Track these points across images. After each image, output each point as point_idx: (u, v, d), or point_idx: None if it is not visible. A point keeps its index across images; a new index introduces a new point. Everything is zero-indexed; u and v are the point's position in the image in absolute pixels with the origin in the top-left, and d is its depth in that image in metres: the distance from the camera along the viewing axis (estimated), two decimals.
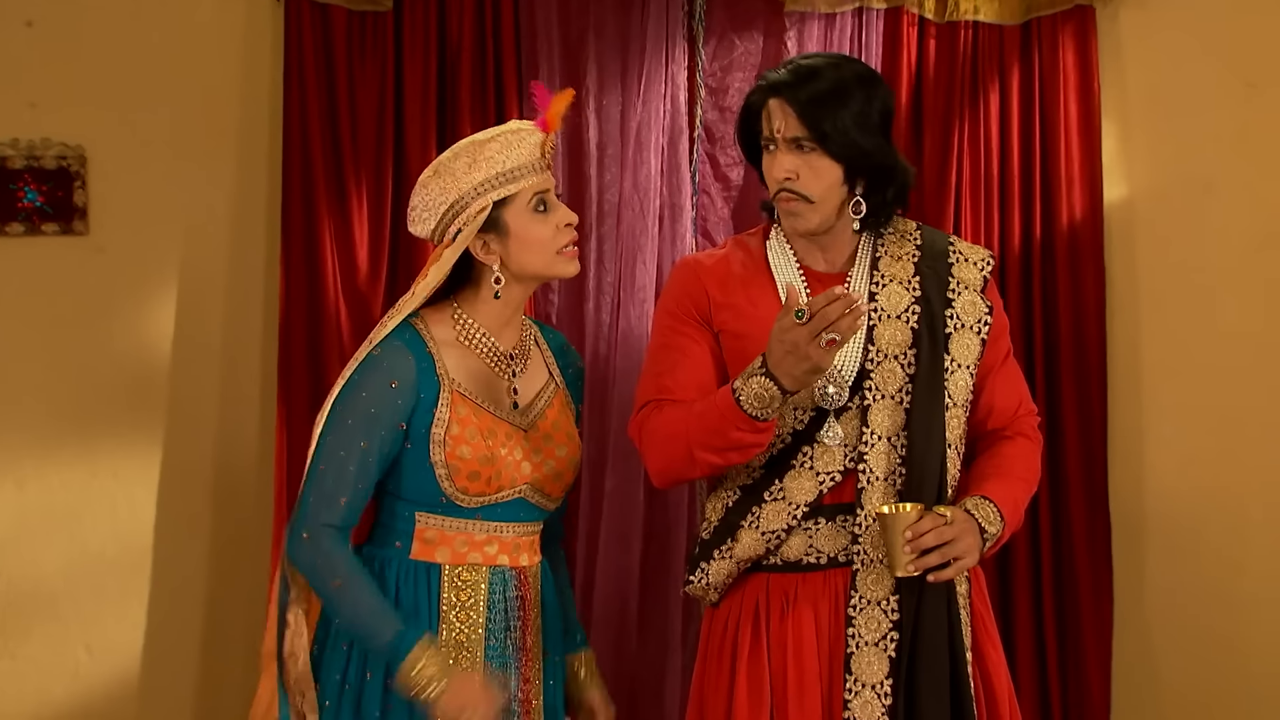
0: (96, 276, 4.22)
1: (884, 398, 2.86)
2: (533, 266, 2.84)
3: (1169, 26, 4.36)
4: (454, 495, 2.78)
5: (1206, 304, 4.37)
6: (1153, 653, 4.39)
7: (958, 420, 2.92)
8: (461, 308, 2.87)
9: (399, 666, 2.68)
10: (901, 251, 2.97)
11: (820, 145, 2.84)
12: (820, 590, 2.87)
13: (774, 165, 2.90)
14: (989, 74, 4.32)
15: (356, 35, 4.19)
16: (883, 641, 2.81)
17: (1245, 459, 4.35)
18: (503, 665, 2.84)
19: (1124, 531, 4.36)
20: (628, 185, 4.22)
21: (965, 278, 2.97)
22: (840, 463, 2.87)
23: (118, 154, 4.22)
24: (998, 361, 3.00)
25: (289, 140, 4.15)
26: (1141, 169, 4.39)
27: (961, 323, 2.93)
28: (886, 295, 2.92)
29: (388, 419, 2.75)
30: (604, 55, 4.25)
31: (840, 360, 2.87)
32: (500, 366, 2.88)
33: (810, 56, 2.97)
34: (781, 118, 2.87)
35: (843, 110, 2.83)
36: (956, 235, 3.11)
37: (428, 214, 2.84)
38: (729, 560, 2.91)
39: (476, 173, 2.79)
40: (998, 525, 2.83)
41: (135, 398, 4.23)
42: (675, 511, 4.21)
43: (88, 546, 4.21)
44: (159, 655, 4.24)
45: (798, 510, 2.87)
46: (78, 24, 4.20)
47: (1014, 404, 3.01)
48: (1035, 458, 3.02)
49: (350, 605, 2.71)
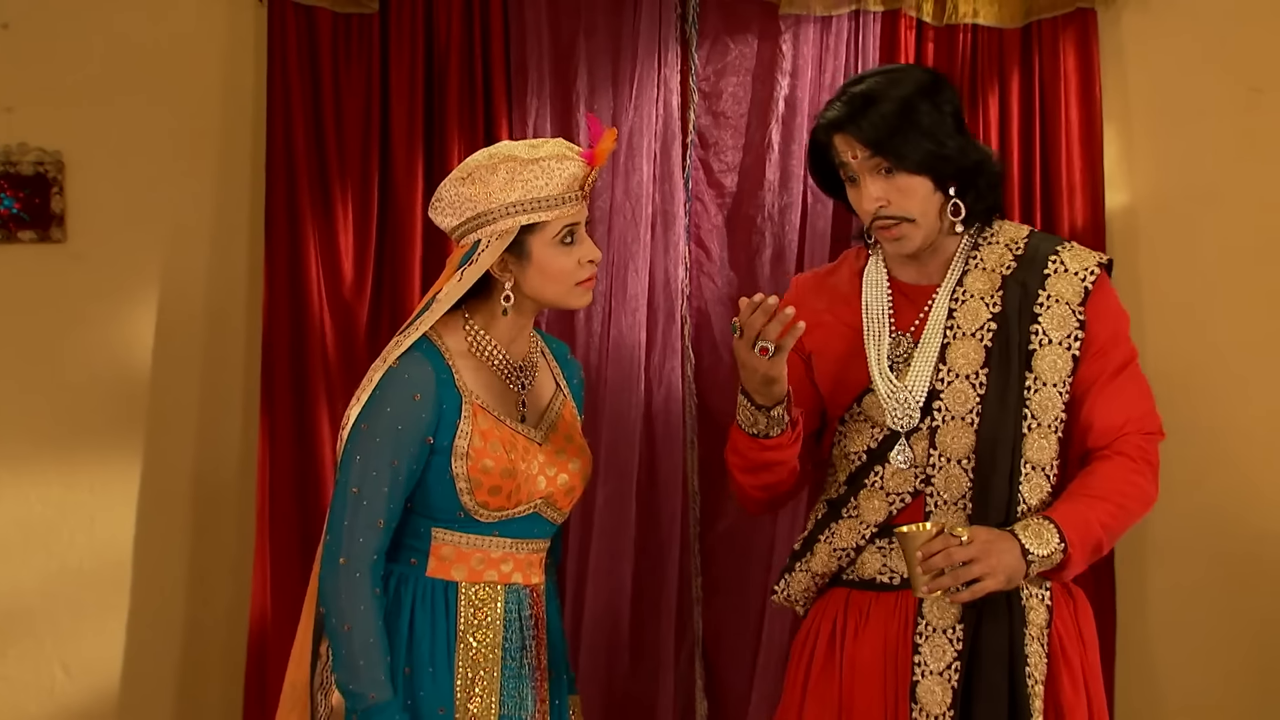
0: (74, 285, 4.16)
1: (953, 419, 2.83)
2: (547, 295, 2.81)
3: (1172, 30, 4.31)
4: (474, 510, 2.75)
5: (1210, 312, 4.32)
6: (1156, 668, 4.34)
7: (1047, 442, 2.85)
8: (473, 319, 2.84)
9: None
10: (995, 263, 2.90)
11: (900, 166, 2.80)
12: (892, 610, 2.86)
13: (862, 197, 2.86)
14: (988, 78, 4.26)
15: (342, 38, 4.12)
16: (947, 671, 2.78)
17: (1251, 469, 4.31)
18: (518, 686, 2.82)
19: (1128, 545, 4.30)
20: (619, 192, 4.16)
21: (1059, 290, 2.88)
22: (911, 484, 2.85)
23: (97, 159, 4.16)
24: (1100, 377, 2.89)
25: (272, 145, 4.08)
26: (1144, 176, 4.34)
27: (1048, 338, 2.86)
28: (964, 312, 2.87)
29: (415, 434, 2.71)
30: (595, 58, 4.19)
31: (910, 381, 2.83)
32: (511, 379, 2.85)
33: (863, 79, 2.90)
34: (853, 151, 2.82)
35: (912, 127, 2.79)
36: (1071, 242, 3.00)
37: (452, 212, 2.79)
38: (806, 574, 2.95)
39: (512, 192, 2.73)
40: (1053, 546, 2.73)
41: (114, 409, 4.17)
42: (668, 528, 4.15)
43: (65, 562, 4.15)
44: (137, 673, 4.18)
45: (868, 530, 2.87)
46: (55, 27, 4.14)
47: (1117, 422, 2.88)
48: (1132, 477, 2.87)
49: (349, 648, 2.67)
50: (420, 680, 2.73)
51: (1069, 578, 2.83)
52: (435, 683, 2.73)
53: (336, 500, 2.72)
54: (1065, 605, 2.88)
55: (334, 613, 2.68)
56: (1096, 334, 2.87)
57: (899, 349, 2.88)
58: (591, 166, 2.81)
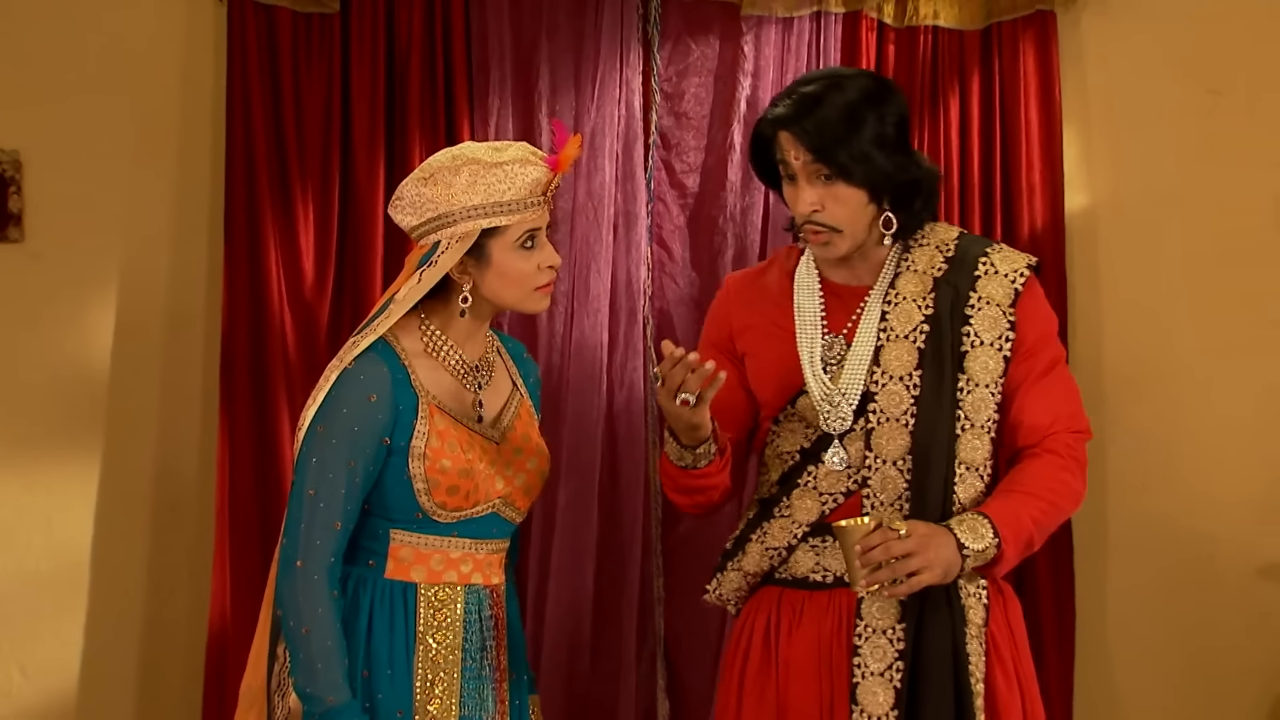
0: (32, 285, 4.13)
1: (888, 420, 2.83)
2: (505, 299, 2.80)
3: (1131, 33, 4.32)
4: (431, 510, 2.74)
5: (1170, 314, 4.34)
6: (1115, 667, 4.36)
7: (980, 441, 2.86)
8: (430, 320, 2.82)
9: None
10: (927, 265, 2.91)
11: (839, 176, 2.79)
12: (825, 609, 2.86)
13: (797, 199, 2.86)
14: (949, 80, 4.27)
15: (302, 38, 4.10)
16: (888, 672, 2.78)
17: (1209, 470, 4.32)
18: (478, 686, 2.81)
19: (1086, 545, 4.32)
20: (581, 192, 4.15)
21: (990, 293, 2.89)
22: (845, 484, 2.85)
23: (55, 159, 4.12)
24: (1029, 377, 2.90)
25: (232, 145, 4.07)
26: (1103, 177, 4.36)
27: (980, 340, 2.87)
28: (897, 314, 2.88)
29: (371, 435, 2.70)
30: (556, 59, 4.18)
31: (843, 383, 2.85)
32: (467, 379, 2.83)
33: (812, 80, 2.88)
34: (795, 151, 2.82)
35: (856, 137, 2.78)
36: (1000, 244, 3.01)
37: (412, 212, 2.77)
38: (738, 573, 2.95)
39: (475, 195, 2.72)
40: (987, 541, 2.75)
41: (72, 409, 4.14)
42: (630, 529, 4.15)
43: (22, 563, 4.12)
44: (96, 676, 4.15)
45: (800, 529, 2.87)
46: (13, 25, 4.10)
47: (1046, 421, 2.90)
48: (1061, 474, 2.89)
49: (306, 652, 2.65)
50: (378, 683, 2.72)
51: (1001, 573, 2.85)
52: (394, 685, 2.72)
53: (293, 503, 2.70)
54: (998, 603, 2.90)
55: (291, 616, 2.67)
56: (1025, 335, 2.89)
57: (832, 351, 2.89)
58: (555, 172, 2.79)
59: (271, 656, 2.76)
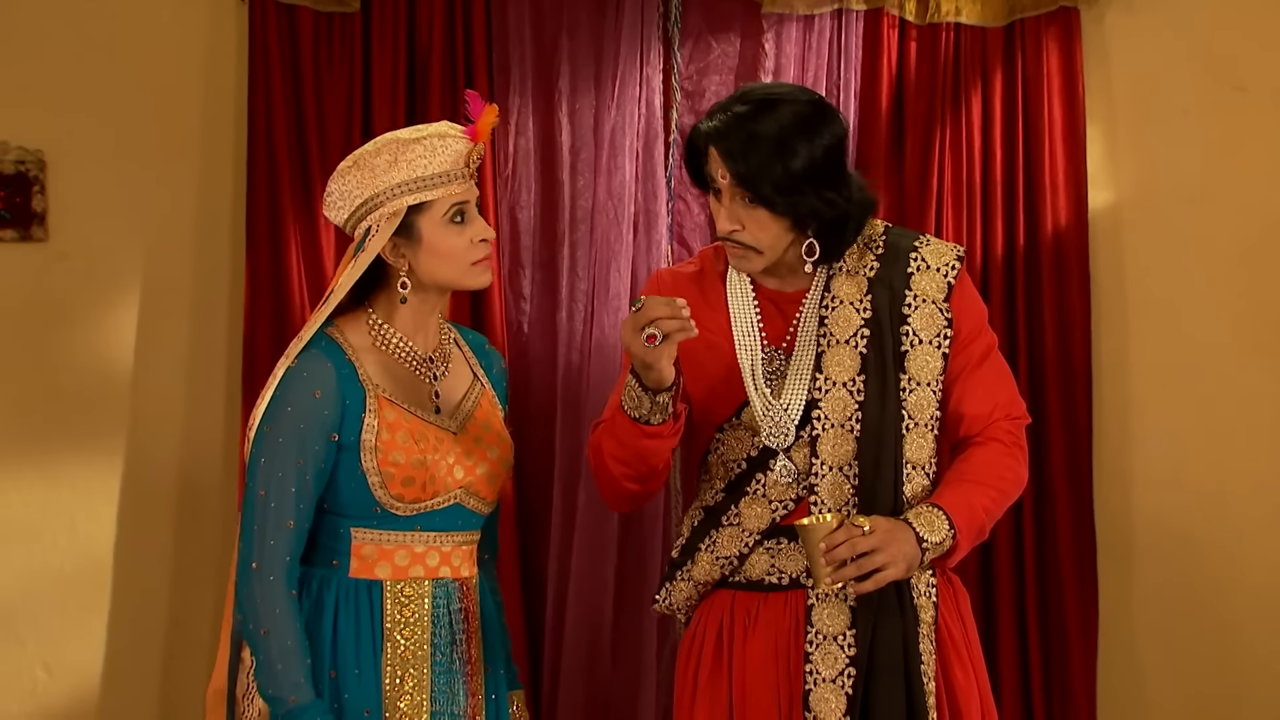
0: (56, 284, 4.15)
1: (833, 427, 2.80)
2: (441, 277, 2.77)
3: (1156, 29, 4.30)
4: (389, 504, 2.72)
5: (1194, 312, 4.32)
6: (1139, 666, 4.34)
7: (924, 440, 2.84)
8: (376, 312, 2.81)
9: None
10: (859, 265, 2.87)
11: (761, 205, 2.75)
12: (781, 611, 2.83)
13: (719, 214, 2.81)
14: (971, 77, 4.25)
15: (324, 37, 4.12)
16: (840, 678, 2.76)
17: (1234, 469, 4.30)
18: (449, 681, 2.79)
19: (1110, 544, 4.31)
20: (601, 191, 4.15)
21: (924, 289, 2.87)
22: (794, 491, 2.83)
23: (78, 158, 4.14)
24: (966, 368, 2.88)
25: (254, 144, 4.08)
26: (1128, 175, 4.33)
27: (919, 339, 2.85)
28: (836, 319, 2.84)
29: (318, 432, 2.68)
30: (577, 57, 4.18)
31: (786, 399, 2.82)
32: (421, 370, 2.82)
33: (748, 98, 2.80)
34: (721, 171, 2.76)
35: (781, 166, 2.71)
36: (927, 235, 2.98)
37: (343, 204, 2.77)
38: (688, 583, 2.91)
39: (396, 173, 2.72)
40: (944, 533, 2.74)
41: (96, 408, 4.16)
42: (650, 527, 4.14)
43: (46, 562, 4.14)
44: (120, 674, 4.17)
45: (750, 538, 2.84)
46: (36, 25, 4.12)
47: (986, 409, 2.89)
48: (1006, 460, 2.88)
49: (265, 654, 2.64)
50: (345, 682, 2.70)
51: (954, 563, 2.84)
52: (361, 684, 2.70)
53: (246, 505, 2.69)
54: (948, 595, 2.89)
55: (250, 618, 2.65)
56: (960, 327, 2.87)
57: (772, 365, 2.86)
58: (474, 142, 2.76)
59: (235, 660, 2.74)
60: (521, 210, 4.20)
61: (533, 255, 4.21)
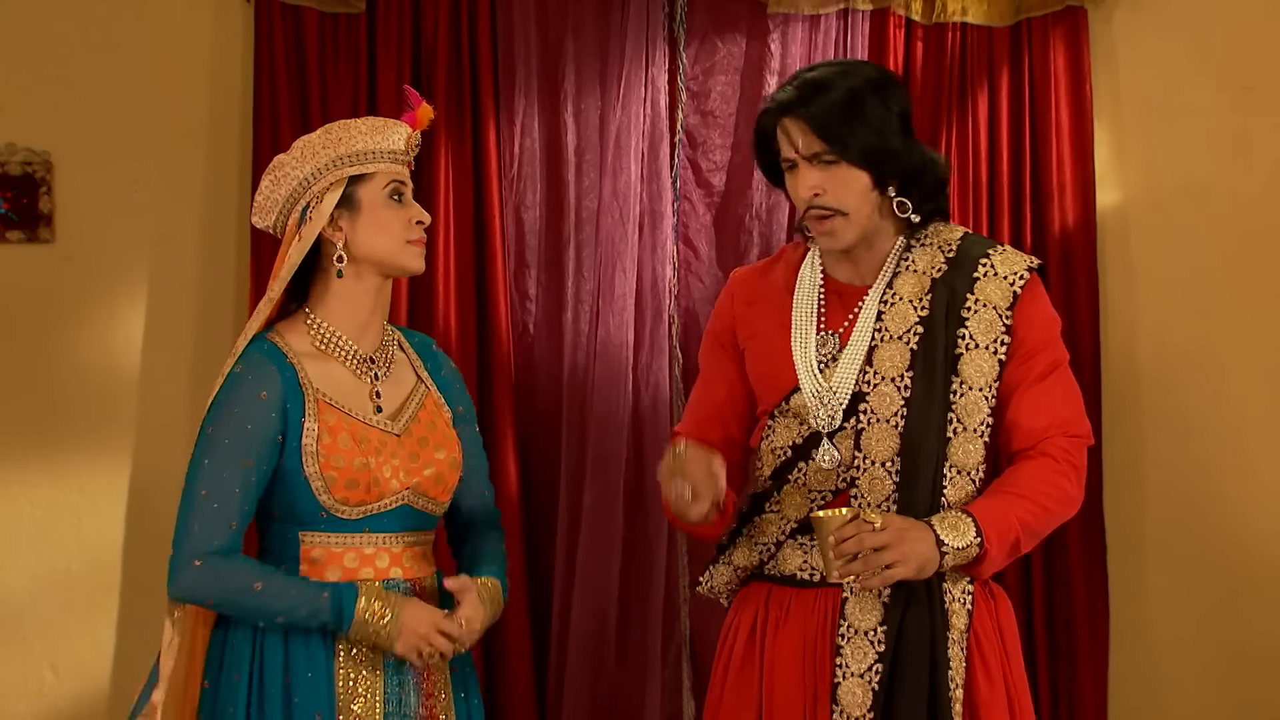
0: (63, 285, 4.17)
1: (879, 421, 2.79)
2: (378, 250, 2.76)
3: (1164, 29, 4.29)
4: (333, 507, 2.71)
5: (1203, 313, 4.30)
6: (1151, 672, 4.32)
7: (973, 445, 2.81)
8: (315, 313, 2.80)
9: (349, 622, 2.65)
10: (927, 265, 2.87)
11: (843, 157, 2.76)
12: (811, 608, 2.82)
13: (798, 184, 2.81)
14: (978, 77, 4.24)
15: (329, 37, 4.13)
16: (867, 674, 2.74)
17: (1245, 471, 4.28)
18: (399, 680, 2.77)
19: (1120, 546, 4.29)
20: (607, 191, 4.15)
21: (988, 295, 2.84)
22: (833, 483, 2.82)
23: (85, 160, 4.16)
24: (1026, 380, 2.84)
25: (259, 145, 4.09)
26: (1135, 174, 4.32)
27: (975, 343, 2.82)
28: (893, 315, 2.84)
29: (265, 433, 2.68)
30: (582, 57, 4.19)
31: (835, 382, 2.82)
32: (361, 371, 2.81)
33: (816, 68, 2.87)
34: (798, 136, 2.78)
35: (858, 118, 2.75)
36: (1003, 245, 2.97)
37: (278, 189, 2.77)
38: (728, 566, 2.93)
39: (339, 147, 2.74)
40: (969, 539, 2.71)
41: (103, 410, 4.18)
42: (656, 528, 4.14)
43: (53, 563, 4.15)
44: (127, 675, 4.15)
45: (788, 525, 2.85)
46: (43, 27, 4.14)
47: (1043, 424, 2.83)
48: (1055, 478, 2.82)
49: (278, 597, 2.65)
50: (297, 685, 2.68)
51: (986, 574, 2.80)
52: (313, 687, 2.68)
53: (183, 507, 2.68)
54: (985, 605, 2.86)
55: (229, 595, 2.65)
56: (1024, 337, 2.84)
57: (826, 348, 2.86)
58: (415, 128, 2.81)
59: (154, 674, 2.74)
60: (526, 211, 4.20)
61: (538, 256, 4.21)
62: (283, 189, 2.77)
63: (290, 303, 2.82)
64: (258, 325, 2.75)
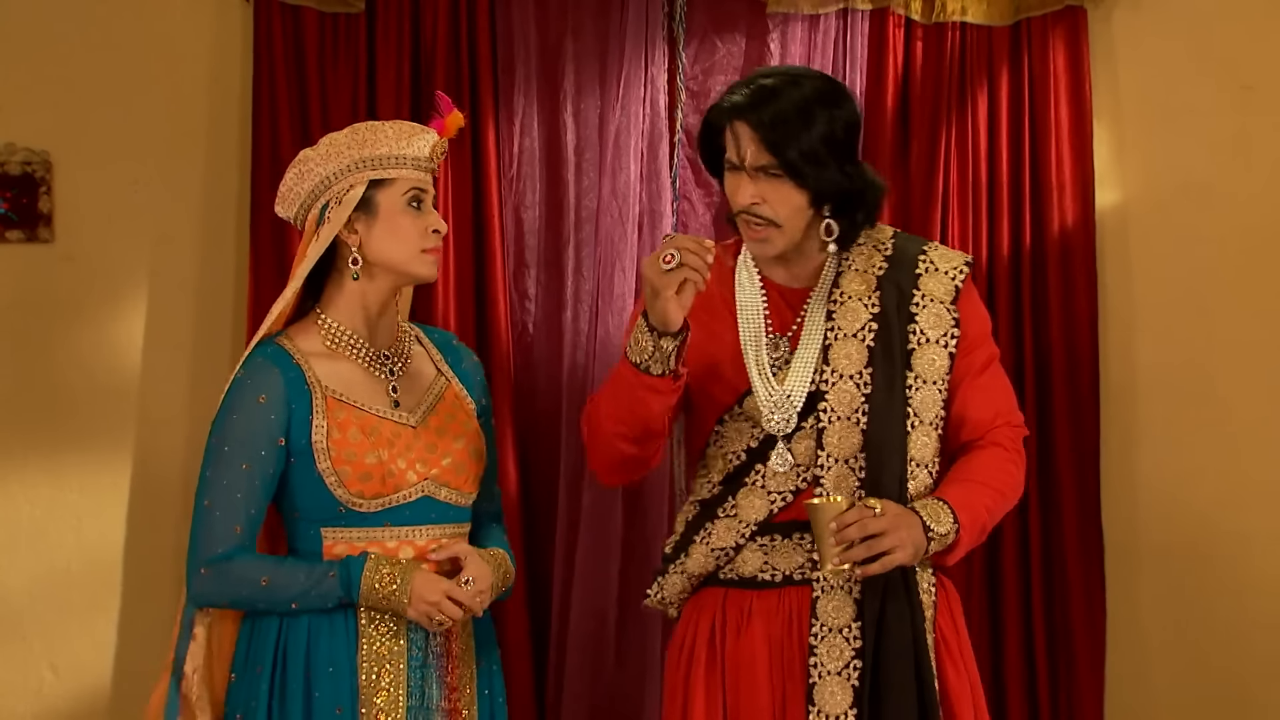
0: (63, 285, 4.16)
1: (840, 419, 2.81)
2: (393, 256, 2.78)
3: (1164, 28, 4.29)
4: (350, 501, 2.73)
5: (1202, 314, 4.30)
6: (1147, 673, 4.32)
7: (928, 438, 2.85)
8: (326, 313, 2.82)
9: (359, 591, 2.68)
10: (867, 265, 2.90)
11: (786, 173, 2.77)
12: (775, 608, 2.82)
13: (738, 190, 2.82)
14: (977, 77, 4.24)
15: (329, 37, 4.13)
16: (845, 670, 2.75)
17: (1243, 473, 4.28)
18: (423, 674, 2.79)
19: (1117, 548, 4.28)
20: (606, 191, 4.15)
21: (932, 290, 2.89)
22: (793, 483, 2.83)
23: (84, 159, 4.16)
24: (971, 372, 2.91)
25: (259, 145, 4.09)
26: (1135, 174, 4.32)
27: (926, 338, 2.86)
28: (844, 313, 2.86)
29: (265, 437, 2.71)
30: (582, 57, 4.19)
31: (789, 385, 2.82)
32: (376, 366, 2.82)
33: (770, 74, 2.87)
34: (747, 145, 2.79)
35: (806, 134, 2.75)
36: (935, 242, 3.04)
37: (301, 184, 2.79)
38: (681, 575, 2.90)
39: (363, 149, 2.75)
40: (948, 525, 2.75)
41: (103, 409, 4.17)
42: (655, 527, 4.14)
43: (53, 562, 4.15)
44: (127, 675, 4.16)
45: (746, 529, 2.84)
46: (42, 27, 4.13)
47: (989, 415, 2.92)
48: (1008, 466, 2.91)
49: (286, 586, 2.69)
50: (318, 681, 2.71)
51: (955, 560, 2.84)
52: (334, 681, 2.71)
53: (193, 519, 2.73)
54: (942, 596, 2.90)
55: (240, 594, 2.70)
56: (966, 331, 2.89)
57: (777, 351, 2.87)
58: (441, 136, 2.82)
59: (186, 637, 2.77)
60: (526, 210, 4.20)
61: (538, 255, 4.21)
62: (306, 184, 2.78)
63: (307, 300, 2.84)
64: (270, 325, 2.76)
